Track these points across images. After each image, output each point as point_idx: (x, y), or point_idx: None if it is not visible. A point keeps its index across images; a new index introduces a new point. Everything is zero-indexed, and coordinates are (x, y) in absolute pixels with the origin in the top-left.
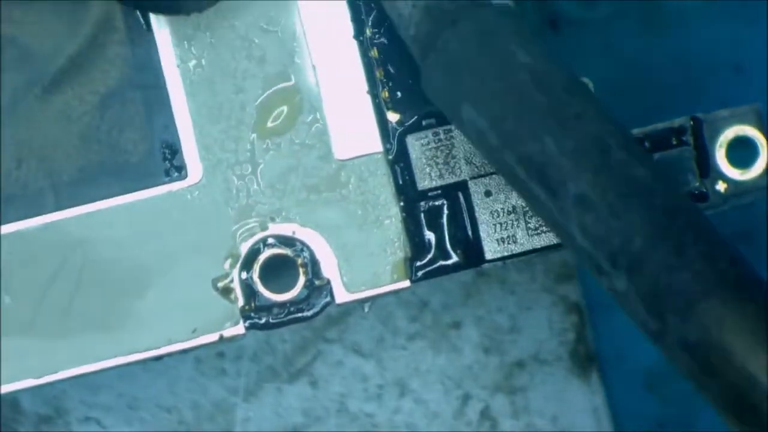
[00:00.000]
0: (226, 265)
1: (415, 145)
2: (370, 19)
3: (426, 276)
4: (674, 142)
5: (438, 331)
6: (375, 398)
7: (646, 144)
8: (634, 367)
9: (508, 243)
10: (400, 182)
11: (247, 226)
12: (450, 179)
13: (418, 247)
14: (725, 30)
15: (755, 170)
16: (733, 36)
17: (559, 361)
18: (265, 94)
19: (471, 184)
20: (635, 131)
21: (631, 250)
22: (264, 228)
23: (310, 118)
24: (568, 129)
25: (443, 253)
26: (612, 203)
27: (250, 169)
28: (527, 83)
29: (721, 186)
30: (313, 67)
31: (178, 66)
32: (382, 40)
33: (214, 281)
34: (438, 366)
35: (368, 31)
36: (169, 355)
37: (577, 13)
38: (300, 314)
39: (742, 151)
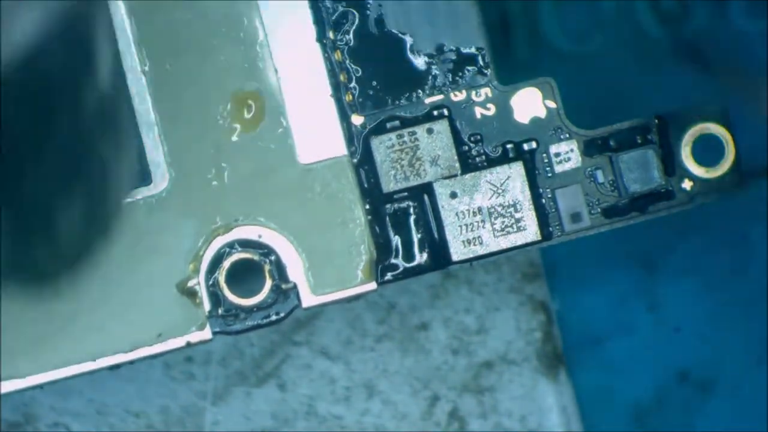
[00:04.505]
0: (191, 269)
1: (379, 147)
2: (332, 21)
3: (392, 278)
4: (639, 141)
5: (406, 332)
6: (343, 400)
7: (611, 143)
8: (622, 400)
9: (474, 244)
10: (365, 185)
11: (212, 231)
12: (415, 181)
13: (384, 249)
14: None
15: (721, 168)
16: None
17: (527, 361)
18: (228, 99)
19: (436, 185)
20: (600, 130)
21: None
22: (229, 232)
23: (274, 122)
24: None
25: (409, 255)
26: None
27: (214, 174)
28: None
29: (687, 184)
30: (276, 70)
31: (143, 72)
32: (345, 42)
33: (179, 285)
34: (406, 367)
35: (331, 34)
36: (135, 361)
37: (569, 46)
38: (267, 319)
39: (709, 149)
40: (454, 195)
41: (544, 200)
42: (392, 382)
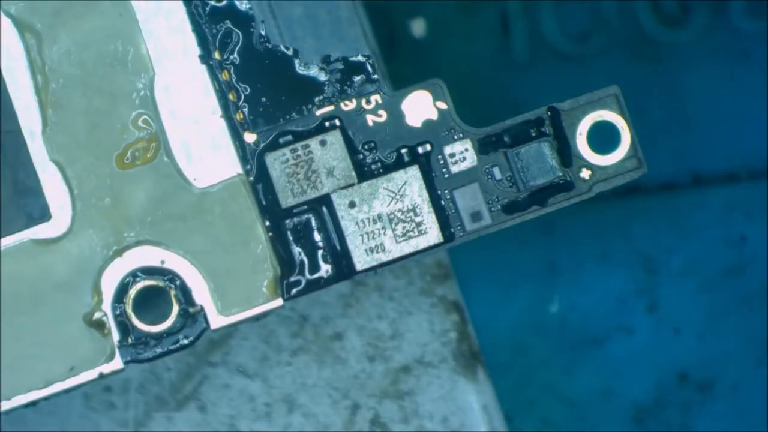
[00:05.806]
0: (95, 302)
1: (274, 164)
2: (217, 41)
3: (298, 293)
4: (534, 135)
5: (321, 344)
6: (264, 416)
7: (506, 139)
8: (622, 401)
9: (377, 252)
10: (264, 202)
11: (116, 260)
12: (313, 194)
13: (287, 264)
14: (717, 64)
15: (618, 154)
16: (725, 70)
17: (444, 362)
18: (121, 129)
19: (334, 197)
20: (493, 127)
21: None
22: (132, 259)
23: (168, 148)
24: None
25: (313, 268)
26: None
27: (114, 204)
28: None
29: (585, 173)
30: (165, 97)
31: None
32: (232, 62)
33: (86, 318)
34: (324, 378)
35: (216, 54)
36: (50, 397)
37: (568, 48)
38: (177, 344)
39: (605, 137)
40: (352, 204)
41: (443, 202)
42: (311, 394)
